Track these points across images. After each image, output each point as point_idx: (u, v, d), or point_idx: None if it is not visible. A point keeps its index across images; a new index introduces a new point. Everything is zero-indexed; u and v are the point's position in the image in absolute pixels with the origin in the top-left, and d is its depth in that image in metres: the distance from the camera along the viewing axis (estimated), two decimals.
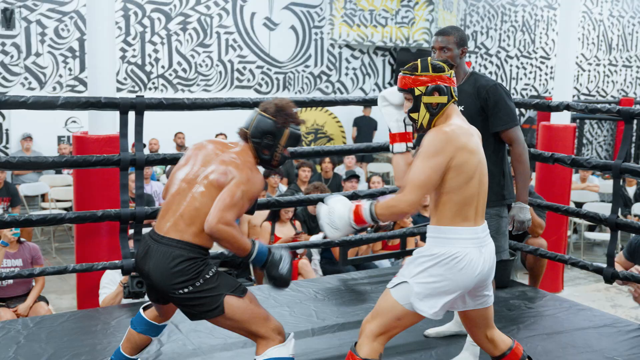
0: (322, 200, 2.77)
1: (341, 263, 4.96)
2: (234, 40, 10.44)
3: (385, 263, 5.80)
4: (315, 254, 5.88)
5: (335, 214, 2.56)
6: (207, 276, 2.61)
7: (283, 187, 7.84)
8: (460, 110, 3.08)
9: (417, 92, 2.59)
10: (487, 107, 3.32)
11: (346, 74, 11.40)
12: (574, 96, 12.77)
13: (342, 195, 2.67)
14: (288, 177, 8.34)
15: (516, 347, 2.83)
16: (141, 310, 2.95)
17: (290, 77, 10.93)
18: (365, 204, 2.53)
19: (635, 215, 8.02)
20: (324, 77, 11.20)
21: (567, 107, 4.44)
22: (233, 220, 2.59)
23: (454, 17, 11.50)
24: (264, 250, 2.69)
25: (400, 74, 2.65)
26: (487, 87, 3.32)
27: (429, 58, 2.66)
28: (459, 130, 2.54)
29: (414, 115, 2.61)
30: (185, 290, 2.58)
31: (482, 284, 2.62)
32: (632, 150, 12.20)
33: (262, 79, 10.71)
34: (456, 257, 2.51)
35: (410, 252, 5.50)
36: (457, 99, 2.66)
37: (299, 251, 5.68)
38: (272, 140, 2.76)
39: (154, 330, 2.93)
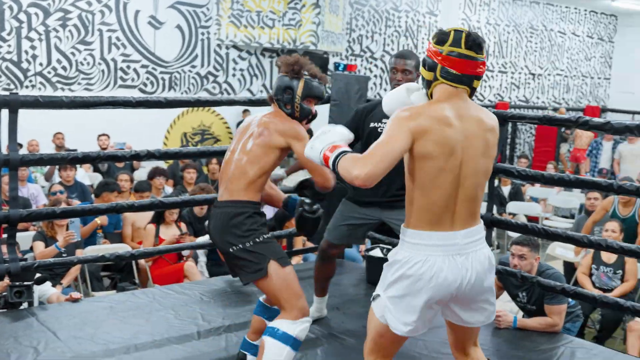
0: (207, 201, 2.86)
1: (227, 265, 4.92)
2: (117, 38, 10.14)
3: None
4: (202, 255, 5.82)
5: (322, 137, 2.33)
6: (257, 240, 2.83)
7: (169, 189, 7.69)
8: None
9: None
10: None
11: (233, 75, 11.33)
12: None
13: (346, 131, 2.37)
14: (174, 179, 8.20)
15: None
16: (260, 298, 3.24)
17: (177, 77, 10.74)
18: (339, 149, 2.26)
19: (510, 214, 8.44)
20: (211, 78, 11.09)
21: None
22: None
23: (340, 20, 11.68)
24: (295, 201, 3.07)
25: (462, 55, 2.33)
26: None
27: (456, 28, 2.34)
28: (427, 115, 2.24)
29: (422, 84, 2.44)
30: (236, 248, 2.83)
31: (470, 296, 2.36)
32: (507, 152, 12.81)
33: (147, 78, 10.47)
34: (417, 263, 2.28)
35: (297, 252, 5.54)
36: (450, 83, 2.31)
37: (185, 253, 5.59)
38: (290, 93, 2.99)
39: (264, 311, 3.16)
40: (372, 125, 3.60)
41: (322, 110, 5.04)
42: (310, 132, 2.88)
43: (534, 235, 4.10)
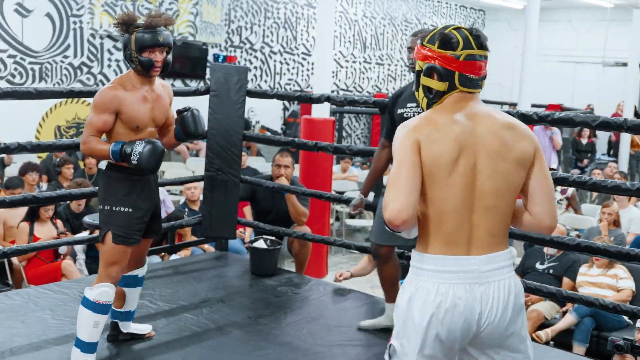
0: (85, 195, 2.91)
1: None
2: None
3: (155, 259, 5.68)
4: (80, 253, 5.62)
5: None
6: (115, 208, 3.07)
7: (44, 185, 7.37)
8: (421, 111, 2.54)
9: (417, 67, 2.09)
10: None
11: (109, 66, 10.96)
12: (333, 91, 13.46)
13: None
14: (48, 175, 7.84)
15: None
16: None
17: (48, 67, 10.26)
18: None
19: None
20: (85, 69, 10.67)
21: (328, 98, 4.68)
22: (88, 137, 3.03)
23: (218, 11, 11.55)
24: (116, 148, 3.00)
25: (481, 57, 2.06)
26: None
27: (451, 27, 2.04)
28: (431, 122, 1.99)
29: (416, 95, 2.12)
30: (99, 207, 3.16)
31: (488, 339, 1.95)
32: None
33: (15, 69, 9.93)
34: (428, 294, 1.92)
35: (180, 247, 5.47)
36: (469, 90, 2.03)
37: (62, 251, 5.38)
38: (129, 49, 3.08)
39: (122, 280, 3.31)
40: (399, 111, 3.49)
41: (203, 101, 5.00)
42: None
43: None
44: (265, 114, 12.52)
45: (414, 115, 3.09)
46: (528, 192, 2.03)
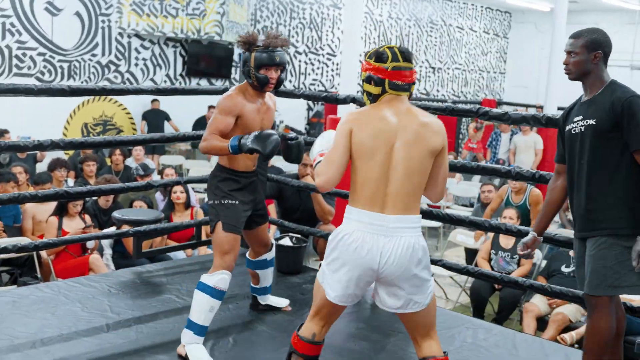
0: (114, 191, 3.01)
1: (135, 256, 4.85)
2: (11, 24, 9.71)
3: (180, 254, 5.75)
4: (107, 248, 5.70)
5: (317, 142, 2.83)
6: (223, 202, 3.38)
7: (71, 181, 7.47)
8: (592, 124, 2.89)
9: (362, 77, 2.71)
10: (622, 122, 2.85)
11: (136, 65, 11.08)
12: (358, 92, 13.46)
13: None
14: (75, 171, 7.95)
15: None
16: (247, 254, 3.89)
17: (76, 65, 10.40)
18: (318, 159, 2.74)
19: None
20: (112, 67, 10.80)
21: (353, 100, 4.70)
22: (209, 136, 3.28)
23: (244, 11, 11.63)
24: (234, 142, 3.22)
25: (404, 68, 2.67)
26: (622, 99, 2.85)
27: (385, 46, 2.70)
28: (364, 114, 2.63)
29: (364, 98, 2.74)
30: (210, 202, 3.46)
31: (388, 279, 2.57)
32: None
33: (45, 66, 10.09)
34: (346, 235, 2.56)
35: (204, 243, 5.52)
36: (398, 93, 2.64)
37: (89, 246, 5.46)
38: (248, 66, 3.35)
39: (250, 264, 3.86)
40: (567, 128, 3.08)
41: None
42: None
43: (438, 221, 4.26)
44: (290, 114, 12.58)
45: (580, 129, 2.94)
46: (430, 175, 2.68)
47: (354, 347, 3.63)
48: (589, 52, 2.97)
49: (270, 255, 3.86)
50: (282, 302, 4.01)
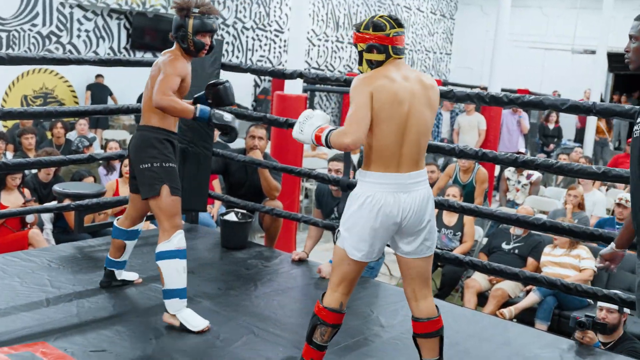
0: (55, 163, 2.91)
1: (76, 230, 4.76)
2: None
3: None
4: (47, 222, 5.58)
5: (309, 122, 2.81)
6: (164, 165, 3.36)
7: (10, 155, 7.26)
8: None
9: (359, 48, 2.82)
10: None
11: (78, 36, 10.80)
12: (305, 69, 13.41)
13: (324, 114, 2.87)
14: (14, 144, 7.73)
15: (437, 320, 2.88)
16: (115, 222, 3.77)
17: (15, 35, 10.07)
18: (327, 129, 2.75)
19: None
20: (54, 38, 10.50)
21: (300, 75, 4.69)
22: (169, 93, 3.27)
23: None
24: (206, 109, 3.38)
25: (401, 33, 2.81)
26: None
27: (377, 16, 2.81)
28: (379, 77, 2.72)
29: (360, 68, 2.84)
30: (145, 166, 3.37)
31: (409, 229, 2.77)
32: None
33: None
34: (367, 197, 2.71)
35: (148, 217, 5.45)
36: (400, 56, 2.80)
37: (29, 220, 5.33)
38: (184, 31, 3.40)
39: (121, 234, 3.73)
40: (635, 127, 2.55)
41: None
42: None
43: None
44: (236, 90, 12.28)
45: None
46: None
47: (351, 344, 3.65)
48: None
49: (141, 226, 3.82)
50: (133, 276, 3.94)
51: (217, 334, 3.32)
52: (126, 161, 5.76)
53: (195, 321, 3.34)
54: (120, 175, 6.04)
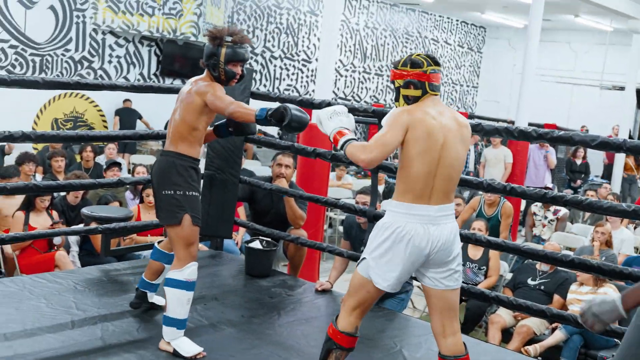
0: (84, 186, 2.88)
1: (103, 254, 4.80)
2: None
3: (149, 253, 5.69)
4: (74, 245, 5.62)
5: (338, 118, 2.91)
6: (187, 193, 3.33)
7: (39, 177, 7.36)
8: None
9: (396, 84, 2.92)
10: None
11: (109, 62, 10.99)
12: (332, 99, 13.49)
13: (351, 119, 2.98)
14: (44, 166, 7.84)
15: (465, 358, 2.90)
16: (156, 244, 3.76)
17: (48, 60, 10.28)
18: (348, 134, 2.86)
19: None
20: (85, 63, 10.70)
21: (329, 105, 4.70)
22: (231, 99, 3.35)
23: (221, 13, 11.60)
24: (263, 108, 3.30)
25: (437, 70, 2.90)
26: None
27: (415, 54, 2.92)
28: (417, 111, 2.81)
29: (396, 104, 2.93)
30: (167, 192, 3.34)
31: (436, 261, 2.82)
32: None
33: (16, 59, 9.95)
34: (398, 227, 2.76)
35: None
36: (436, 93, 2.89)
37: (56, 242, 5.39)
38: (215, 59, 3.42)
39: (161, 257, 3.71)
40: None
41: None
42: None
43: None
44: None
45: None
46: None
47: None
48: None
49: None
50: (162, 301, 3.83)
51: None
52: (148, 190, 5.79)
53: (189, 347, 3.32)
54: (142, 201, 6.04)
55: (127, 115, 10.84)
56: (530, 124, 10.41)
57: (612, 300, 2.19)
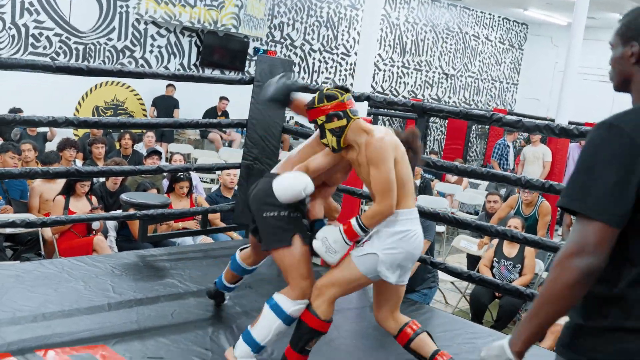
0: (124, 173, 2.79)
1: (140, 239, 4.87)
2: (30, 3, 9.75)
3: (188, 240, 5.77)
4: (112, 230, 5.72)
5: (330, 239, 2.90)
6: (291, 214, 3.04)
7: (79, 163, 7.49)
8: None
9: (319, 122, 2.99)
10: None
11: (151, 52, 11.12)
12: (371, 92, 13.47)
13: (328, 227, 2.99)
14: (84, 152, 7.97)
15: (413, 321, 3.12)
16: (237, 252, 3.62)
17: (91, 48, 10.44)
18: (352, 221, 2.87)
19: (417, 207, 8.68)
20: (127, 52, 10.84)
21: (368, 98, 4.71)
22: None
23: (262, 5, 11.65)
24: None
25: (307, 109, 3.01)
26: None
27: (325, 88, 3.03)
28: (385, 131, 2.93)
29: (324, 141, 3.01)
30: (269, 214, 3.05)
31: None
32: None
33: (60, 47, 10.13)
34: (414, 233, 2.92)
35: (211, 231, 5.54)
36: (357, 117, 2.98)
37: (95, 227, 5.49)
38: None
39: (241, 271, 3.61)
40: None
41: (242, 90, 5.07)
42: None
43: (444, 223, 4.28)
44: None
45: None
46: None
47: (359, 345, 3.64)
48: (625, 44, 1.88)
49: (260, 263, 3.67)
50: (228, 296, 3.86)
51: (270, 352, 3.33)
52: (182, 182, 5.81)
53: None
54: (172, 190, 6.08)
55: (164, 104, 10.94)
56: (570, 123, 10.26)
57: (500, 345, 1.79)
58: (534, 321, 1.70)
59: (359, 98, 4.74)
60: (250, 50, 12.01)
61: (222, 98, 10.98)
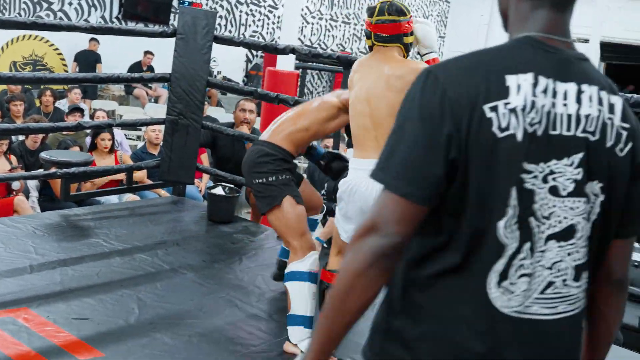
0: (43, 130, 2.62)
1: (63, 199, 4.74)
2: None
3: (113, 199, 5.65)
4: (33, 190, 5.54)
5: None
6: (280, 177, 3.00)
7: None
8: None
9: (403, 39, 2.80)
10: None
11: (70, 4, 10.68)
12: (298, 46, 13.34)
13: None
14: (1, 110, 7.66)
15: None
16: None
17: (5, 0, 9.95)
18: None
19: None
20: (45, 5, 10.38)
21: (293, 50, 4.66)
22: None
23: None
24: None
25: (387, 21, 2.72)
26: None
27: (380, 1, 2.77)
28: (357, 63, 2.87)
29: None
30: (258, 181, 3.00)
31: None
32: None
33: None
34: (355, 185, 2.71)
35: (137, 188, 5.44)
36: (384, 44, 2.76)
37: (15, 187, 5.30)
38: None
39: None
40: None
41: (169, 44, 4.93)
42: None
43: None
44: (228, 65, 12.39)
45: None
46: None
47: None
48: None
49: (317, 216, 3.65)
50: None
51: (200, 306, 3.33)
52: (103, 134, 5.64)
53: None
54: (94, 148, 5.91)
55: (86, 59, 10.58)
56: None
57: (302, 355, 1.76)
58: (324, 324, 1.28)
59: (283, 50, 4.69)
60: (175, 3, 11.69)
61: (147, 52, 10.69)
